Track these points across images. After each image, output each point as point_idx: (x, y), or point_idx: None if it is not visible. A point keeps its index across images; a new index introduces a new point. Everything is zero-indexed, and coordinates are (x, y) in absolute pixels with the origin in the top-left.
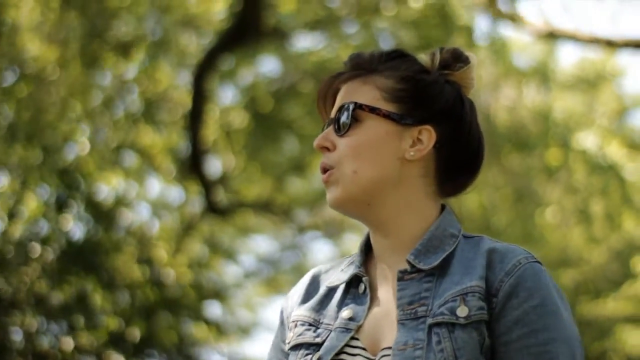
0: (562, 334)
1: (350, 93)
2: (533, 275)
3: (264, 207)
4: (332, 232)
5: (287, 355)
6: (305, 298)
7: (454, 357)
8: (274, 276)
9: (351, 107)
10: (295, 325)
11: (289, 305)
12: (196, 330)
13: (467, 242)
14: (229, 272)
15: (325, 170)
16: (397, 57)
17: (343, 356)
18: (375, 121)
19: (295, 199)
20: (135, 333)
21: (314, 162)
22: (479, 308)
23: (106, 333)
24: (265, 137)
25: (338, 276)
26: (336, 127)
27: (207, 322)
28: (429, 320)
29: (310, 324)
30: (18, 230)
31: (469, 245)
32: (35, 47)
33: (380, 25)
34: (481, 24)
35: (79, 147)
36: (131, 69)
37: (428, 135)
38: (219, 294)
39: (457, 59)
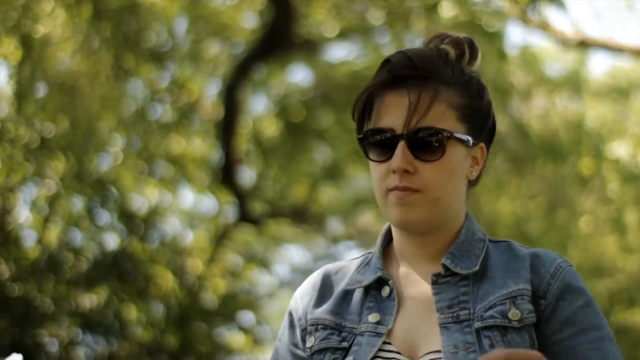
0: (608, 334)
1: (428, 112)
2: (574, 277)
3: (297, 216)
4: (366, 241)
5: (299, 358)
6: (319, 300)
7: None
8: None
9: (445, 136)
10: (316, 329)
11: (300, 307)
12: (231, 340)
13: (495, 246)
14: (263, 282)
15: (404, 189)
16: (460, 61)
17: None
18: (454, 147)
19: (328, 208)
20: (171, 343)
21: (347, 171)
22: (530, 311)
23: (141, 343)
24: (298, 146)
25: (356, 278)
26: (417, 149)
27: (242, 332)
28: (477, 324)
29: (332, 328)
30: (52, 241)
31: (499, 250)
32: (67, 59)
33: (411, 34)
34: (512, 33)
35: (113, 157)
36: (163, 79)
37: (481, 153)
38: (253, 304)
39: (475, 51)
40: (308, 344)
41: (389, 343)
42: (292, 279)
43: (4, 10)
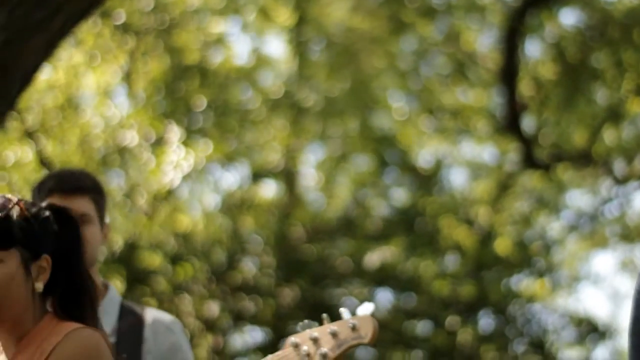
0: None
1: None
2: None
3: (582, 159)
4: None
5: None
6: None
7: None
8: (595, 230)
9: None
10: None
11: None
12: (524, 287)
13: None
14: (551, 227)
15: None
16: None
17: None
18: None
19: (612, 149)
20: (467, 293)
21: (631, 110)
22: None
23: (438, 296)
24: (577, 88)
25: None
26: None
27: (535, 278)
28: None
29: None
30: (342, 200)
31: None
32: (344, 18)
33: None
34: None
35: (395, 113)
36: (439, 32)
37: None
38: (545, 250)
39: None
40: None
41: None
42: (579, 224)
43: None
